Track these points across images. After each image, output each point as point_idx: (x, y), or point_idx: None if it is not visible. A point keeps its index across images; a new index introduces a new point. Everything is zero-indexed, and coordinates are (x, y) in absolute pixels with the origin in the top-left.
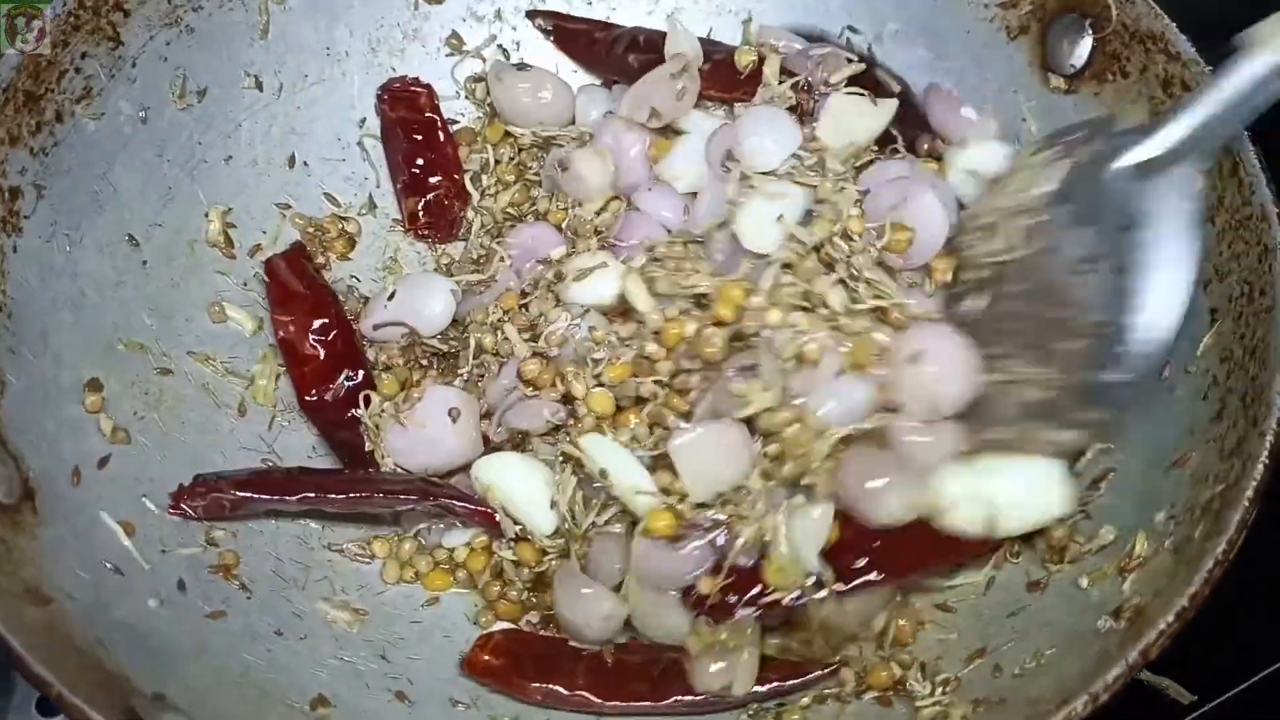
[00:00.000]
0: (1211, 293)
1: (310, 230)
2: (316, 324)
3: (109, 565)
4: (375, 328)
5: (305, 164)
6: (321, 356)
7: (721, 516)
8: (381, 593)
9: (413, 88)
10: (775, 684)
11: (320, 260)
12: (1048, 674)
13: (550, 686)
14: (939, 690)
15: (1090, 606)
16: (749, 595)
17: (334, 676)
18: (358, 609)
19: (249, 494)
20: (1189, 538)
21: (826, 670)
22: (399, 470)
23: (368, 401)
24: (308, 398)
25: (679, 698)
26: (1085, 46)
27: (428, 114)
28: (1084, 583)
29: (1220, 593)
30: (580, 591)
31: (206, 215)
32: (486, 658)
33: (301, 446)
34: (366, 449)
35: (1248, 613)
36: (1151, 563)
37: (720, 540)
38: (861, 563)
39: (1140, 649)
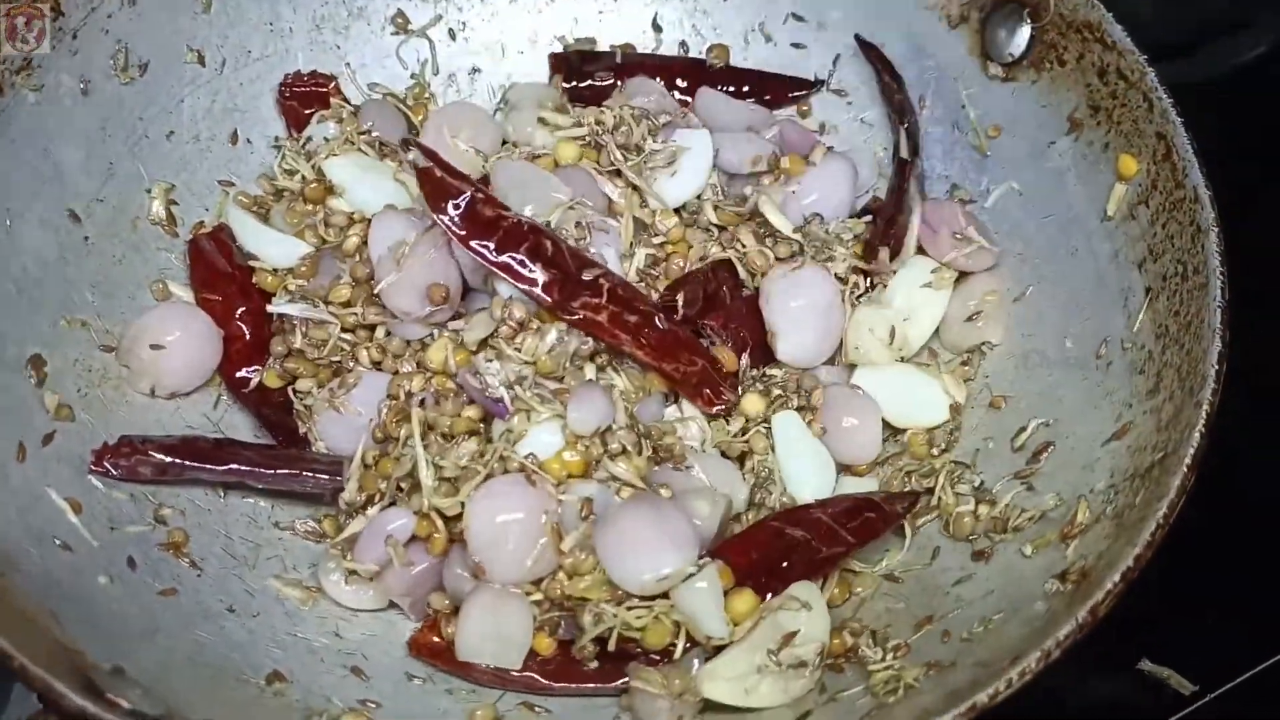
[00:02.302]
0: (1146, 271)
1: (255, 209)
2: (243, 303)
3: (58, 541)
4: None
5: (249, 141)
6: (247, 336)
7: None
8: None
9: (316, 81)
10: None
11: None
12: (996, 637)
13: (498, 667)
14: (890, 655)
15: (1035, 572)
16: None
17: (288, 653)
18: (309, 586)
19: (174, 459)
20: (1130, 504)
21: None
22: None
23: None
24: (236, 376)
25: (627, 680)
26: (1023, 35)
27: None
28: (1028, 550)
29: (1222, 584)
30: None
31: (149, 192)
32: (434, 639)
33: (247, 425)
34: (301, 431)
35: (1249, 603)
36: (1093, 529)
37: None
38: (785, 564)
39: (1089, 607)
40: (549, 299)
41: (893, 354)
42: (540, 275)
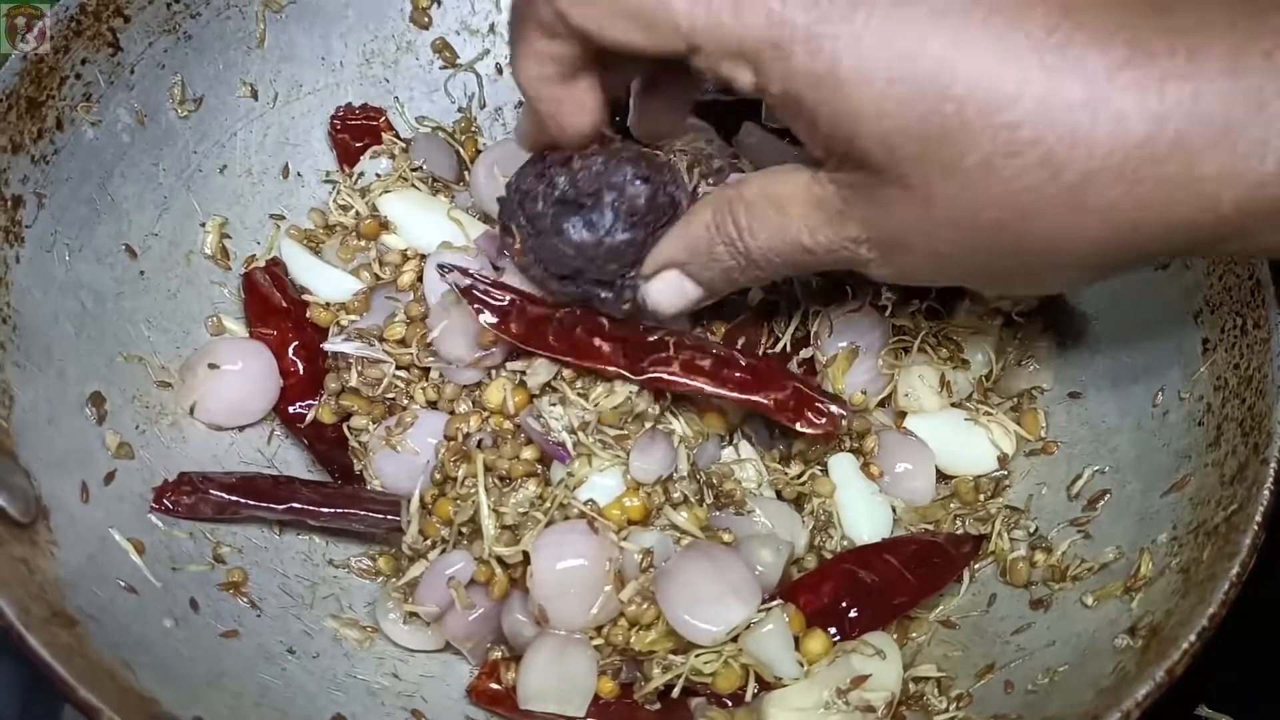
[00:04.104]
0: (1203, 323)
1: (306, 243)
2: (297, 338)
3: (123, 584)
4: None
5: (299, 175)
6: (301, 371)
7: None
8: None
9: (366, 114)
10: None
11: None
12: (1063, 691)
13: (558, 715)
14: (953, 706)
15: (1099, 624)
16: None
17: (349, 695)
18: (366, 626)
19: (235, 498)
20: (1197, 559)
21: None
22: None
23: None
24: (290, 411)
25: None
26: None
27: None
28: (1089, 600)
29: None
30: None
31: (203, 226)
32: (493, 685)
33: (301, 460)
34: (356, 468)
35: None
36: (1158, 582)
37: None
38: (855, 613)
39: (1166, 667)
40: (615, 366)
41: (943, 401)
42: (605, 347)
